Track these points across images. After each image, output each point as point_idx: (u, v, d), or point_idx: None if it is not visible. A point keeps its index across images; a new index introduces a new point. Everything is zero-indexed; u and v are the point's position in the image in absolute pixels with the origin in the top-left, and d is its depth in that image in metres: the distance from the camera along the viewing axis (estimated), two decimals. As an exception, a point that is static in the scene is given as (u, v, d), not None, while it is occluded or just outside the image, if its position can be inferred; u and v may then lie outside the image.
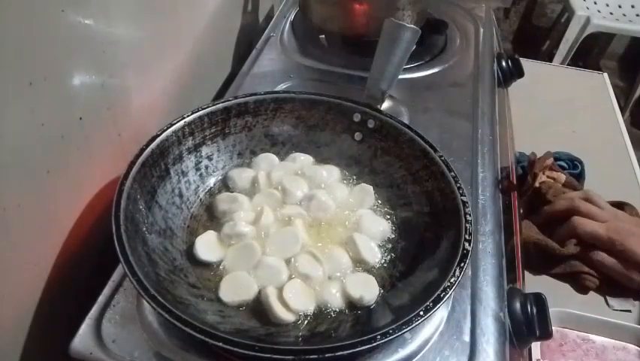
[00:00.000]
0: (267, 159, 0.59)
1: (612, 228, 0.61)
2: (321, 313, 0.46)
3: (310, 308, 0.46)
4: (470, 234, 0.45)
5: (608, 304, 0.63)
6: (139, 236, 0.45)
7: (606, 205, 0.66)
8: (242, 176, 0.57)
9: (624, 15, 2.02)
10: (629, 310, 0.63)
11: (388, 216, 0.55)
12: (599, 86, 1.07)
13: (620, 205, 0.70)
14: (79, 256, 0.53)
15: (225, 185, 0.57)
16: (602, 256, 0.62)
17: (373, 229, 0.52)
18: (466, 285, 0.50)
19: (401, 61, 0.57)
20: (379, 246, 0.51)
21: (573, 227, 0.63)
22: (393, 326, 0.38)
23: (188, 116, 0.53)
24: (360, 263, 0.50)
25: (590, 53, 2.36)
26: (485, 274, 0.51)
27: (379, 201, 0.56)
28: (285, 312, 0.44)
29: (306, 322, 0.45)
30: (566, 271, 0.65)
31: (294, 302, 0.45)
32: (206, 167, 0.57)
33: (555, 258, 0.65)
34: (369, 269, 0.50)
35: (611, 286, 0.64)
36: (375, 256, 0.50)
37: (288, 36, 0.85)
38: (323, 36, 0.83)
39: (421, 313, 0.38)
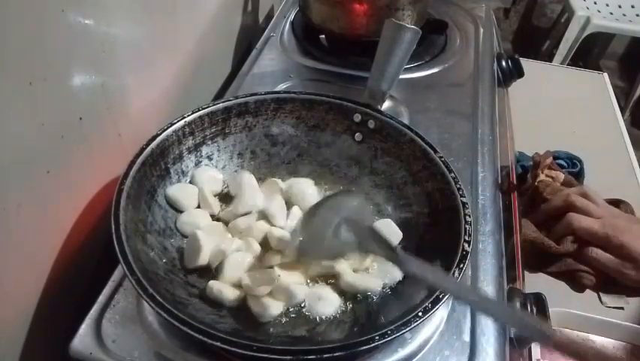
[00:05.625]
0: (207, 173, 0.55)
1: (608, 224, 0.61)
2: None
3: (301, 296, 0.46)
4: (470, 235, 0.44)
5: (601, 301, 0.63)
6: (138, 236, 0.45)
7: (602, 202, 0.66)
8: (186, 193, 0.53)
9: (624, 15, 2.02)
10: (622, 308, 0.63)
11: (388, 217, 0.55)
12: (599, 86, 1.07)
13: (615, 203, 0.70)
14: (79, 256, 0.53)
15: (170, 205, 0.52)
16: (597, 253, 0.62)
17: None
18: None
19: (402, 61, 0.57)
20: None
21: (569, 223, 0.63)
22: (392, 327, 0.38)
23: (188, 115, 0.53)
24: None
25: (590, 53, 2.36)
26: (485, 274, 0.51)
27: (379, 202, 0.56)
28: (264, 305, 0.44)
29: (304, 321, 0.45)
30: (561, 270, 0.65)
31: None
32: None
33: (551, 256, 0.65)
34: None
35: (605, 283, 0.64)
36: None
37: (288, 36, 0.85)
38: (323, 36, 0.83)
39: (420, 314, 0.38)
